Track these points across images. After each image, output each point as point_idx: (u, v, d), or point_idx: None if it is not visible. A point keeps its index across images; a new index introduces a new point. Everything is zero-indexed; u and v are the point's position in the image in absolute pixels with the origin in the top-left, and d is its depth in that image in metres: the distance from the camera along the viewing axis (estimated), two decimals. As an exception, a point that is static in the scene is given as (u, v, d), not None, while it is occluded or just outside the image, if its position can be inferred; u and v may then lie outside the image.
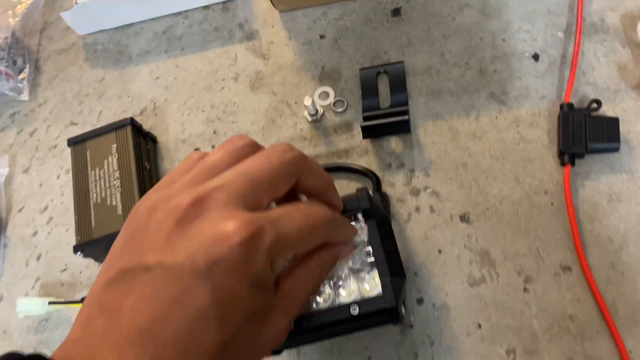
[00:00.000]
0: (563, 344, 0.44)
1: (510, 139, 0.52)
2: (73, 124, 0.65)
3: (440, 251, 0.49)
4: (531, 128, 0.52)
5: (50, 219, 0.61)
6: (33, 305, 0.55)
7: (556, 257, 0.47)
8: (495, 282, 0.47)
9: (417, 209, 0.51)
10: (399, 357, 0.47)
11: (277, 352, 0.41)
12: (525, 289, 0.47)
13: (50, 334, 0.56)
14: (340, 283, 0.39)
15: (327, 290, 0.39)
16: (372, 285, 0.39)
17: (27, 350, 0.55)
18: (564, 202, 0.48)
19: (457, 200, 0.51)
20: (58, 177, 0.63)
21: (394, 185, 0.53)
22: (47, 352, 0.53)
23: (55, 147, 0.65)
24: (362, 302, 0.37)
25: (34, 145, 0.66)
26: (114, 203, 0.53)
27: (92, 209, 0.54)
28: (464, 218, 0.50)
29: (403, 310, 0.39)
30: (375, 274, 0.39)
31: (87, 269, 0.58)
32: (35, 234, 0.61)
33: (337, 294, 0.39)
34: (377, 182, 0.52)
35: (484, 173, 0.51)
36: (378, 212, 0.41)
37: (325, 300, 0.38)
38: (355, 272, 0.39)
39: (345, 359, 0.48)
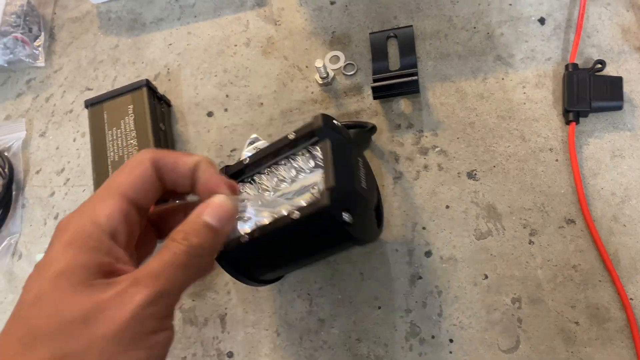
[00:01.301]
0: (566, 292, 0.46)
1: (517, 100, 0.53)
2: (88, 89, 0.67)
3: (447, 206, 0.51)
4: (537, 89, 0.53)
5: (67, 180, 0.63)
6: (52, 261, 0.56)
7: (560, 211, 0.49)
8: (501, 235, 0.49)
9: (426, 167, 0.53)
10: (407, 307, 0.49)
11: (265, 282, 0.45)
12: (530, 242, 0.48)
13: (69, 289, 0.57)
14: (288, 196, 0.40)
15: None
16: (315, 193, 0.38)
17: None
18: (568, 159, 0.50)
19: (465, 158, 0.52)
20: (74, 141, 0.65)
21: (403, 145, 0.54)
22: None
23: (70, 111, 0.66)
24: (302, 208, 0.37)
25: (50, 110, 0.67)
26: (131, 161, 0.55)
27: (109, 167, 0.55)
28: (471, 175, 0.52)
29: (348, 218, 0.36)
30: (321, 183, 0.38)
31: (104, 227, 0.59)
32: (52, 194, 0.63)
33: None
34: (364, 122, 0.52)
35: (490, 132, 0.53)
36: (337, 132, 0.40)
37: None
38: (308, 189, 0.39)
39: (355, 309, 0.50)
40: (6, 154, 0.65)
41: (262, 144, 0.53)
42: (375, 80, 0.55)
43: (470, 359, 0.46)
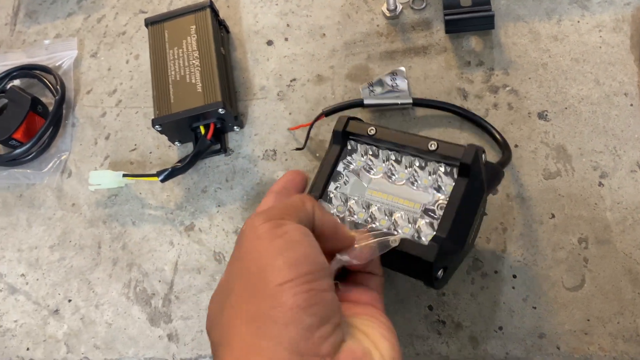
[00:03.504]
0: (636, 235, 0.46)
1: (592, 43, 0.52)
2: (142, 12, 0.65)
3: (516, 145, 0.50)
4: (614, 33, 0.52)
5: (119, 101, 0.62)
6: (106, 177, 0.56)
7: (633, 155, 0.48)
8: (570, 175, 0.48)
9: (495, 106, 0.52)
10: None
11: None
12: (600, 184, 0.48)
13: (120, 208, 0.57)
14: (403, 221, 0.39)
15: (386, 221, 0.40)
16: (426, 234, 0.38)
17: (96, 223, 0.56)
18: (644, 104, 0.49)
19: (536, 98, 0.51)
20: (127, 62, 0.64)
21: (473, 82, 0.53)
22: (117, 225, 0.55)
23: (123, 33, 0.65)
24: (406, 241, 0.37)
25: (102, 31, 0.66)
26: (193, 81, 0.54)
27: (170, 86, 0.54)
28: (541, 115, 0.51)
29: (440, 274, 0.38)
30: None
31: (157, 149, 0.59)
32: (103, 114, 0.62)
33: (395, 226, 0.39)
34: (506, 157, 0.48)
35: (563, 74, 0.52)
36: (476, 176, 0.38)
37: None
38: (422, 216, 0.39)
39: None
40: (58, 72, 0.64)
41: (401, 80, 0.50)
42: (446, 15, 0.54)
43: (533, 294, 0.46)
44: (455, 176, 0.39)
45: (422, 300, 0.47)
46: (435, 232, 0.37)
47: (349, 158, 0.43)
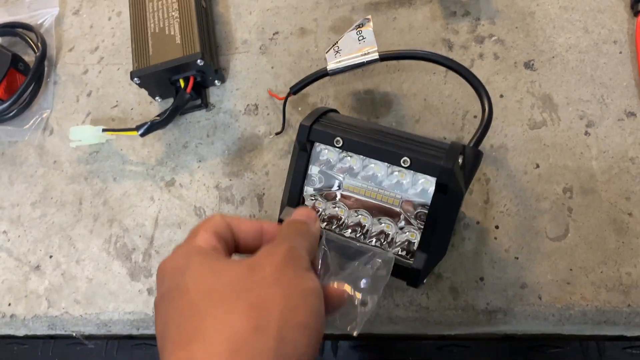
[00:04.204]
0: (621, 184, 0.45)
1: (582, -10, 0.50)
2: (124, -32, 0.64)
3: (501, 95, 0.49)
4: (604, -20, 0.50)
5: (101, 58, 0.61)
6: (86, 133, 0.55)
7: (621, 104, 0.47)
8: (556, 125, 0.47)
9: (481, 56, 0.51)
10: (453, 192, 0.47)
11: None
12: (586, 133, 0.46)
13: (101, 164, 0.56)
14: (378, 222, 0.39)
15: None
16: (407, 249, 0.38)
17: (77, 179, 0.56)
18: (633, 51, 0.47)
19: (523, 48, 0.50)
20: (109, 19, 0.63)
21: (458, 33, 0.52)
22: (98, 181, 0.54)
23: (106, -10, 0.64)
24: (389, 259, 0.36)
25: (84, -12, 0.65)
26: (172, 33, 0.53)
27: (149, 38, 0.53)
28: (528, 65, 0.49)
29: (424, 281, 0.39)
30: (417, 239, 0.38)
31: (139, 105, 0.58)
32: (85, 72, 0.61)
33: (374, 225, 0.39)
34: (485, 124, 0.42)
35: (551, 22, 0.50)
36: (455, 187, 0.36)
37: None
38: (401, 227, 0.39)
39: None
40: (39, 29, 0.63)
41: (368, 32, 0.47)
42: (432, -36, 0.52)
43: (515, 245, 0.45)
44: (431, 187, 0.37)
45: (403, 251, 0.46)
46: (419, 242, 0.37)
47: (320, 156, 0.40)
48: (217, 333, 0.26)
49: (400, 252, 0.39)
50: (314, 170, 0.41)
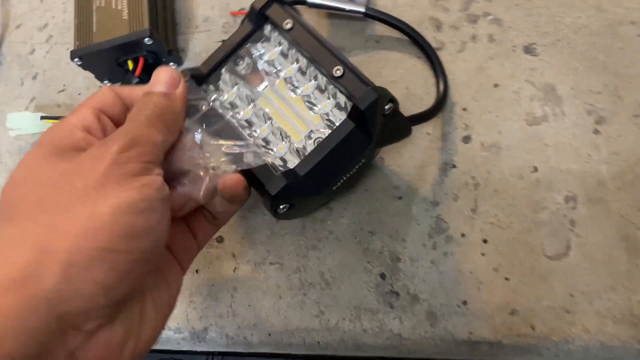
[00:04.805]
0: (636, 192, 0.37)
1: (595, -38, 0.43)
2: (81, -64, 0.57)
3: (496, 85, 0.42)
4: (623, -51, 0.42)
5: (50, 37, 0.55)
6: (25, 120, 0.49)
7: (637, 96, 0.39)
8: (560, 121, 0.40)
9: (474, 38, 0.43)
10: (435, 199, 0.40)
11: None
12: (595, 131, 0.39)
13: (43, 156, 0.50)
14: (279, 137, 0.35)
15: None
16: (294, 162, 0.34)
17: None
18: (655, 34, 0.40)
19: (523, 29, 0.43)
20: (61, -7, 0.56)
21: (448, 10, 0.44)
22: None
23: (59, -40, 0.57)
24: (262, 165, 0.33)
25: (36, -42, 0.58)
26: (119, 7, 0.46)
27: (94, 13, 0.47)
28: (528, 49, 0.42)
29: (283, 209, 0.34)
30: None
31: (87, 90, 0.51)
32: (32, 52, 0.55)
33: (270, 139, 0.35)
34: (428, 111, 0.40)
35: (558, -1, 0.43)
36: (366, 125, 0.32)
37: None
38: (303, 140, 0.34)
39: (371, 198, 0.41)
40: (-17, 3, 0.56)
41: None
42: None
43: (506, 263, 0.38)
44: (342, 113, 0.33)
45: (374, 266, 0.40)
46: (294, 167, 0.32)
47: (258, 45, 0.37)
48: None
49: (279, 168, 0.33)
50: (243, 53, 0.37)
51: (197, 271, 0.43)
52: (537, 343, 0.36)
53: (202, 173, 0.30)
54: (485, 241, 0.39)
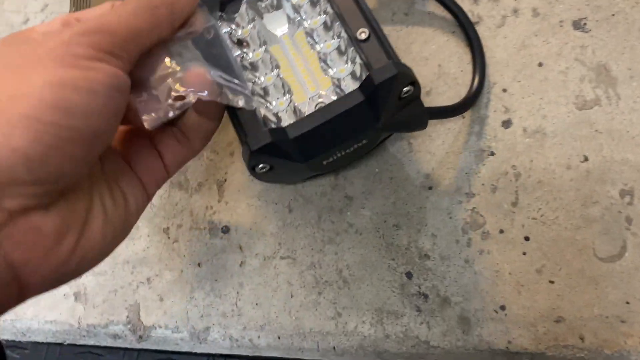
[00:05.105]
0: (703, 187, 0.32)
1: None
2: None
3: (541, 64, 0.37)
4: None
5: (46, 5, 0.50)
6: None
7: None
8: (614, 105, 0.35)
9: (515, 11, 0.39)
10: (470, 190, 0.36)
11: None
12: (655, 117, 0.34)
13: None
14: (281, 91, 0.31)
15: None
16: (288, 121, 0.30)
17: None
18: None
19: (572, 2, 0.38)
20: (59, -41, 0.51)
21: (486, -20, 0.40)
22: None
23: None
24: (248, 111, 0.29)
25: None
26: (120, -30, 0.42)
27: (92, -23, 0.42)
28: (578, 24, 0.37)
29: (262, 169, 0.30)
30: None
31: (84, 63, 0.47)
32: (26, 21, 0.50)
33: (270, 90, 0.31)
34: (454, 107, 0.36)
35: (612, -31, 0.38)
36: (377, 103, 0.28)
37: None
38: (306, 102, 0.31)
39: (397, 188, 0.37)
40: (-25, -33, 0.52)
41: None
42: None
43: (551, 264, 0.33)
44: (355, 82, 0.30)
45: (399, 264, 0.35)
46: (286, 126, 0.28)
47: None
48: None
49: (270, 124, 0.30)
50: None
51: (199, 264, 0.38)
52: (587, 356, 0.31)
53: (165, 95, 0.26)
54: (527, 239, 0.34)
